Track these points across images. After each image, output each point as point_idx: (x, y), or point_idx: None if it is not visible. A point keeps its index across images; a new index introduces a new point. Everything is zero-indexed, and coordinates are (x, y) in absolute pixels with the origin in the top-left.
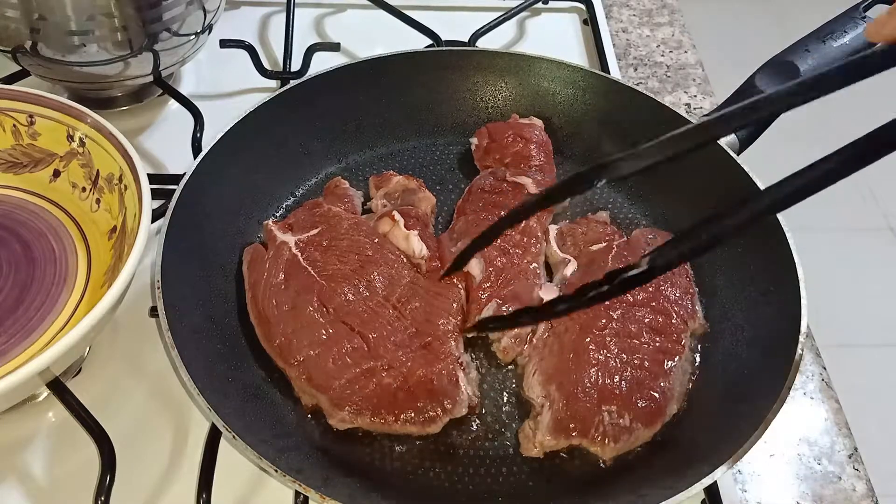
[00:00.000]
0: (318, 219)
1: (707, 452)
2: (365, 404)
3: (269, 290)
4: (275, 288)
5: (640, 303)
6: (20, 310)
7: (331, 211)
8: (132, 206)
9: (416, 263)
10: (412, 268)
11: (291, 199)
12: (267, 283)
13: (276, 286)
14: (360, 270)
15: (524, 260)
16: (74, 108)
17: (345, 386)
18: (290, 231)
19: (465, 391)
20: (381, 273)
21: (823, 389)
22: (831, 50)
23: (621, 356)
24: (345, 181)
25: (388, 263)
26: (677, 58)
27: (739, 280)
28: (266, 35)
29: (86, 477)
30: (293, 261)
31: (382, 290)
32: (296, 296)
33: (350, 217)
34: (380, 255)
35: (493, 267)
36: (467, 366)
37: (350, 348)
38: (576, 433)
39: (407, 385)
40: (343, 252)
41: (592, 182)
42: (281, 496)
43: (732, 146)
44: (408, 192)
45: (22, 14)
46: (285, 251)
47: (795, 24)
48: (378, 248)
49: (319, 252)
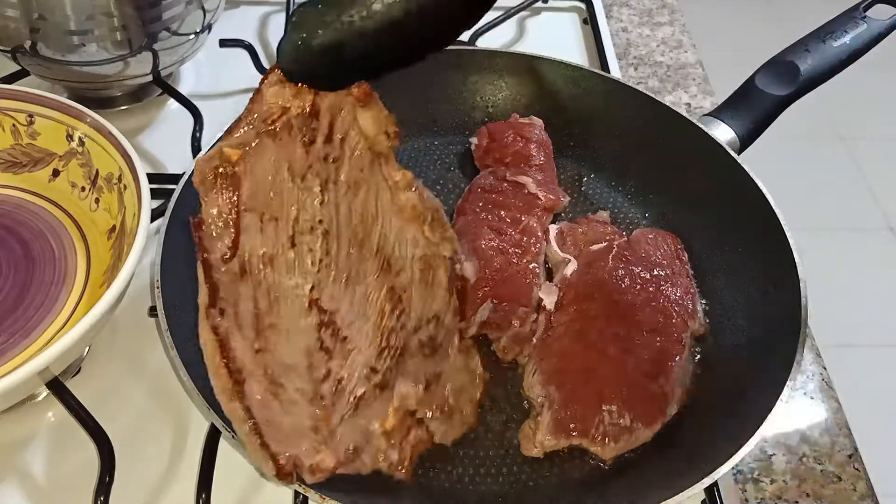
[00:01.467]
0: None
1: (707, 452)
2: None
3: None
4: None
5: (640, 302)
6: (19, 309)
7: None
8: (131, 206)
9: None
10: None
11: None
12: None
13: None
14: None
15: (523, 259)
16: (74, 108)
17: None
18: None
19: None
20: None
21: (823, 389)
22: (831, 50)
23: (621, 356)
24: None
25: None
26: (677, 57)
27: (739, 280)
28: (266, 34)
29: (85, 477)
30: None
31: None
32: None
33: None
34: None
35: (490, 267)
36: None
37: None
38: (576, 433)
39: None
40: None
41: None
42: (280, 496)
43: (733, 146)
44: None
45: (22, 14)
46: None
47: (795, 24)
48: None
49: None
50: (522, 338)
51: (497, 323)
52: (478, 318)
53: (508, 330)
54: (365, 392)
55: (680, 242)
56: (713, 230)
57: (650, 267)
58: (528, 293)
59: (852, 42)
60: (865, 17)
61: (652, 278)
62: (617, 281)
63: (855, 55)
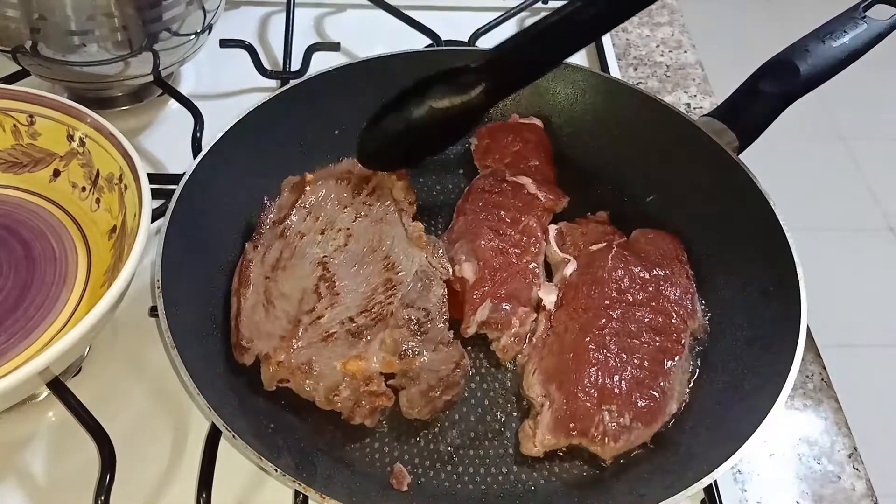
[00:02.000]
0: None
1: (707, 452)
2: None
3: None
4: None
5: (640, 302)
6: (20, 309)
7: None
8: (132, 206)
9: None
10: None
11: None
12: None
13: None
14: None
15: (523, 259)
16: (74, 108)
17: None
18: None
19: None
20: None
21: (823, 389)
22: (831, 49)
23: (621, 355)
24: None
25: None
26: (677, 57)
27: (739, 280)
28: (266, 35)
29: (86, 477)
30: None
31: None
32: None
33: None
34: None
35: (489, 267)
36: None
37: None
38: (576, 432)
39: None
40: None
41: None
42: (281, 496)
43: (732, 146)
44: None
45: (22, 14)
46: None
47: (795, 24)
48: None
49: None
50: (522, 337)
51: (497, 323)
52: (478, 318)
53: (509, 330)
54: (336, 332)
55: (680, 242)
56: (713, 230)
57: (650, 267)
58: (528, 293)
59: (852, 42)
60: (865, 17)
61: (651, 278)
62: (616, 281)
63: (855, 55)
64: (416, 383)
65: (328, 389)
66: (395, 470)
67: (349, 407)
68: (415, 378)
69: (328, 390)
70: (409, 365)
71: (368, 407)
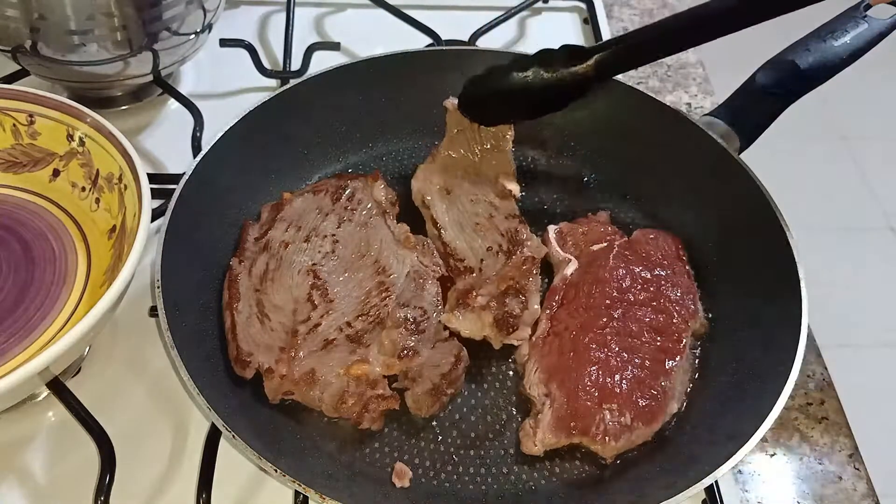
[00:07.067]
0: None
1: (707, 452)
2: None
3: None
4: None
5: (640, 302)
6: (20, 309)
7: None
8: (132, 206)
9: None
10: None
11: None
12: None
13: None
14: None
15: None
16: (74, 108)
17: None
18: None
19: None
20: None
21: (823, 389)
22: (832, 49)
23: (622, 355)
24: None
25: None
26: (677, 57)
27: (739, 280)
28: (266, 34)
29: (86, 477)
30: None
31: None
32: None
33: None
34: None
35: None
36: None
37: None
38: (576, 431)
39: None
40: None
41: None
42: (281, 496)
43: (733, 145)
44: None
45: (22, 14)
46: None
47: (795, 23)
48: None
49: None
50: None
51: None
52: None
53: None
54: (335, 339)
55: (680, 242)
56: (713, 230)
57: (651, 267)
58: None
59: (853, 41)
60: (866, 17)
61: (652, 278)
62: (618, 280)
63: (855, 54)
64: (420, 382)
65: (334, 397)
66: (397, 467)
67: (357, 413)
68: (417, 377)
69: (334, 398)
70: (409, 364)
71: (376, 411)
